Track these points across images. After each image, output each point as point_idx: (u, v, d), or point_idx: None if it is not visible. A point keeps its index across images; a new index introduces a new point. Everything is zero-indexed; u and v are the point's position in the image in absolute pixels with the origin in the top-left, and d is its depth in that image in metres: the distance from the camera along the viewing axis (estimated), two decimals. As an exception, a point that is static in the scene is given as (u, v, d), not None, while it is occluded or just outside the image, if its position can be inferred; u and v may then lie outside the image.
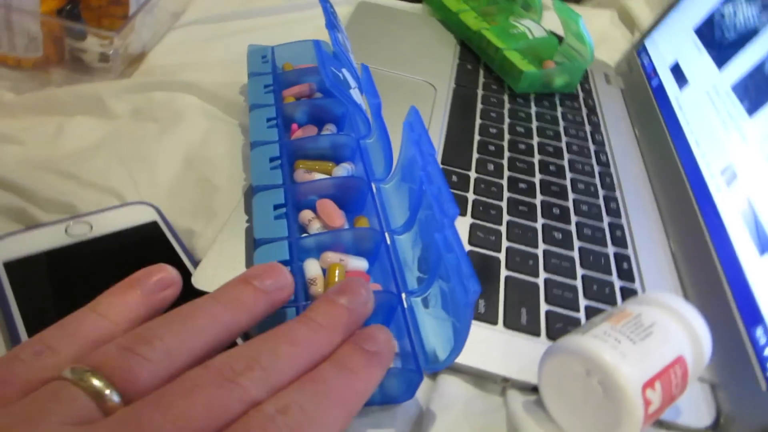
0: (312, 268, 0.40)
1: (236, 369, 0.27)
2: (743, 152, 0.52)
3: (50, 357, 0.27)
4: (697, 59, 0.65)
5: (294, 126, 0.53)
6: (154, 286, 0.31)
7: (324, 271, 0.41)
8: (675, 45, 0.71)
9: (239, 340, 0.36)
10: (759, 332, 0.42)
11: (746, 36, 0.58)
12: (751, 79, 0.55)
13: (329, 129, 0.53)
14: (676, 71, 0.68)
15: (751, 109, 0.53)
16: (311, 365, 0.29)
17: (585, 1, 1.86)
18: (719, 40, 0.63)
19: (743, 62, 0.57)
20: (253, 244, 0.41)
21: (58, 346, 0.27)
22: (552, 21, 0.78)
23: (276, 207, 0.43)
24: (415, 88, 0.67)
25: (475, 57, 0.77)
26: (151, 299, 0.31)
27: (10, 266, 0.40)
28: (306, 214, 0.44)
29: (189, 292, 0.39)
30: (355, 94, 0.51)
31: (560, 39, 0.75)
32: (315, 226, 0.43)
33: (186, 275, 0.41)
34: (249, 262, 0.42)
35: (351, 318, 0.32)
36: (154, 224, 0.45)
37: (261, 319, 0.31)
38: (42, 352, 0.27)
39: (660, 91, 0.69)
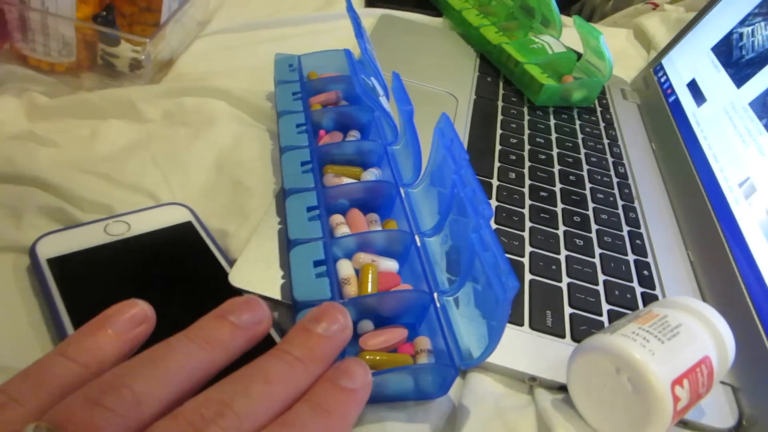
0: (345, 268, 0.42)
1: (207, 416, 0.26)
2: (762, 166, 0.53)
3: (14, 410, 0.25)
4: (714, 77, 0.67)
5: (321, 132, 0.54)
6: (127, 323, 0.29)
7: (357, 271, 0.42)
8: (692, 63, 0.73)
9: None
10: (780, 338, 0.43)
11: (764, 55, 0.60)
12: (769, 97, 0.56)
13: (353, 135, 0.54)
14: (693, 88, 0.69)
15: (770, 124, 0.54)
16: (288, 402, 0.28)
17: (599, 20, 1.88)
18: (737, 59, 0.64)
19: (761, 80, 0.59)
20: (286, 244, 0.43)
21: (22, 397, 0.26)
22: (569, 38, 0.79)
23: (309, 209, 0.44)
24: (437, 98, 0.69)
25: (494, 70, 0.79)
26: (123, 338, 0.29)
27: (53, 263, 0.41)
28: (335, 218, 0.45)
29: (226, 290, 0.41)
30: (383, 101, 0.52)
31: (579, 55, 0.77)
32: (341, 231, 0.44)
33: (222, 274, 0.43)
34: (283, 261, 0.43)
35: (329, 347, 0.31)
36: (189, 224, 0.46)
37: (238, 356, 0.30)
38: (6, 405, 0.25)
39: (677, 107, 0.70)
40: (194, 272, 0.43)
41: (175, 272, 0.43)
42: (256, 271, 0.42)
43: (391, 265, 0.43)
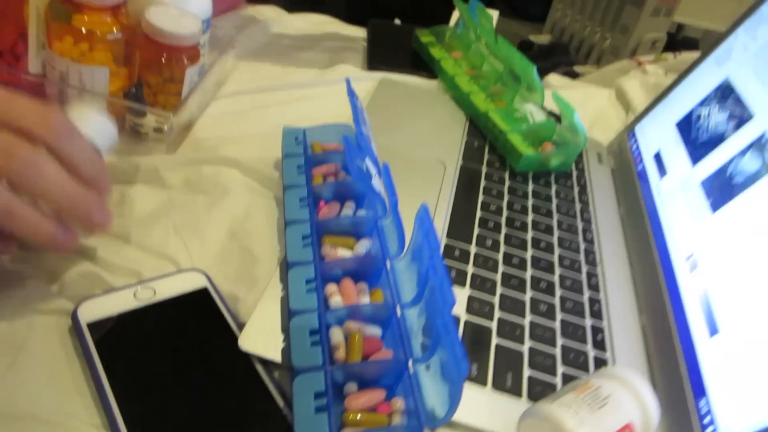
0: (336, 335, 0.49)
1: None
2: (705, 244, 0.61)
3: None
4: (675, 152, 0.74)
5: (321, 203, 0.62)
6: None
7: (346, 336, 0.50)
8: (659, 135, 0.80)
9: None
10: (702, 402, 0.51)
11: (715, 138, 0.68)
12: (716, 179, 0.64)
13: (349, 206, 0.62)
14: (658, 160, 0.77)
15: (714, 205, 0.62)
16: None
17: (597, 59, 1.95)
18: (694, 138, 0.72)
19: (711, 162, 0.66)
20: (288, 312, 0.51)
21: None
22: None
23: (308, 281, 0.52)
24: (427, 166, 0.77)
25: (481, 134, 0.87)
26: None
27: (92, 327, 0.49)
28: (330, 288, 0.53)
29: (235, 354, 0.49)
30: (375, 180, 0.60)
31: (559, 119, 0.85)
32: (335, 299, 0.52)
33: (232, 338, 0.50)
34: (285, 327, 0.51)
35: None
36: (205, 290, 0.54)
37: None
38: None
39: (644, 176, 0.78)
40: (209, 336, 0.51)
41: (193, 336, 0.51)
42: (261, 335, 0.50)
43: (374, 331, 0.51)
